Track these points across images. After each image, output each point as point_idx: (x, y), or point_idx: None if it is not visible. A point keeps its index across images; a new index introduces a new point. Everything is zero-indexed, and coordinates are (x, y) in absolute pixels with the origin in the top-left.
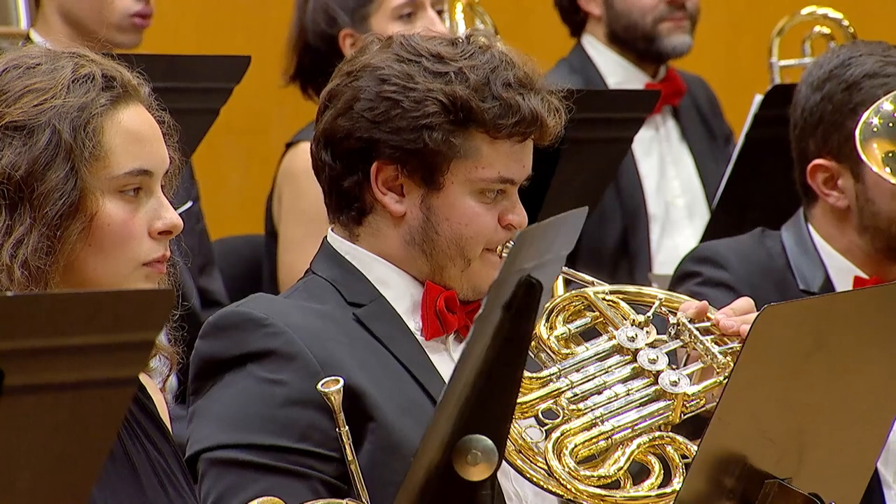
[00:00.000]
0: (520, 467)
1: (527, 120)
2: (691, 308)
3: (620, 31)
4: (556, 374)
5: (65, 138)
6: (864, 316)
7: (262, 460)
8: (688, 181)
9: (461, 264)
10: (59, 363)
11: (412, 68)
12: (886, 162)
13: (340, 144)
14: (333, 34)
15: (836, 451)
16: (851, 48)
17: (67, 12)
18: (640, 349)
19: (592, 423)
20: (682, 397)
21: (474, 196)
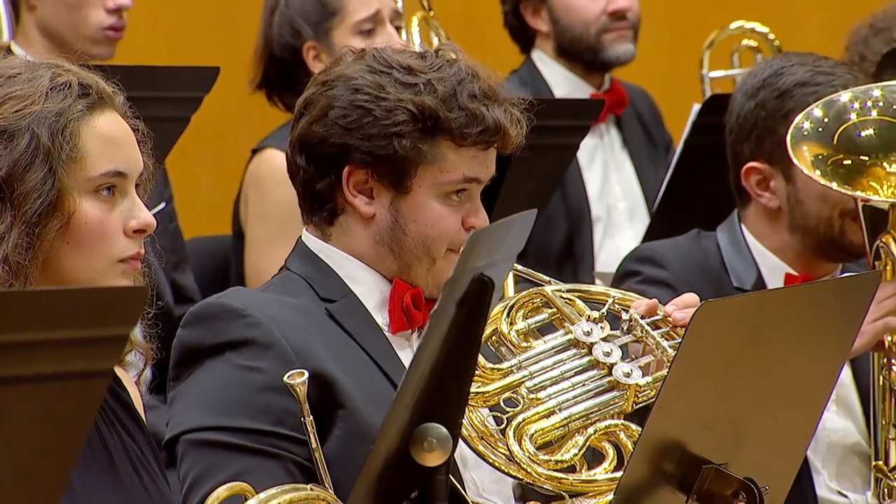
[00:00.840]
0: (482, 452)
1: (490, 130)
2: (643, 305)
3: (567, 44)
4: (516, 366)
5: (43, 142)
6: (795, 311)
7: (240, 442)
8: (628, 187)
9: (427, 263)
10: (38, 356)
11: (384, 79)
12: (816, 165)
13: (315, 149)
14: (298, 46)
15: (770, 438)
16: (783, 59)
17: (45, 26)
18: (595, 343)
19: (550, 411)
20: (634, 388)
21: (440, 199)
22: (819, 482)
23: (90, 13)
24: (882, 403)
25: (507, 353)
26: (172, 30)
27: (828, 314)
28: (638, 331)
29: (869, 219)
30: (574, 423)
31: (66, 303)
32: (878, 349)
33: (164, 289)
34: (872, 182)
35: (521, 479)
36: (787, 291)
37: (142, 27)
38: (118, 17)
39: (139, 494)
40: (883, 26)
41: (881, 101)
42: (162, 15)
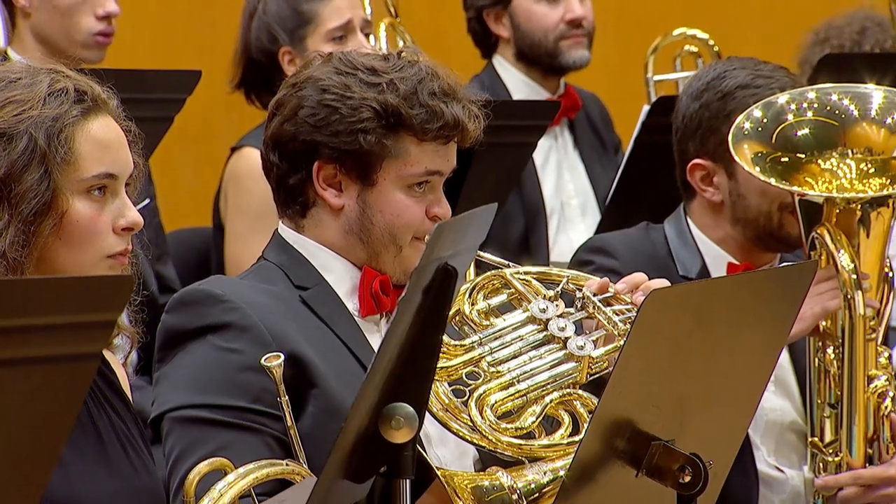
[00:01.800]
0: (447, 423)
1: (450, 125)
2: (594, 284)
3: (527, 49)
4: (477, 342)
5: (40, 145)
6: (737, 298)
7: (221, 417)
8: (580, 184)
9: (394, 251)
10: (32, 340)
11: (349, 80)
12: (756, 161)
13: (286, 147)
14: (274, 51)
15: (714, 416)
16: (727, 63)
17: (40, 32)
18: (550, 319)
19: (510, 383)
20: (587, 360)
21: (404, 191)
22: (759, 458)
23: (81, 20)
24: (817, 384)
25: (469, 332)
26: (157, 35)
27: (768, 301)
28: (590, 307)
29: (805, 212)
30: (532, 393)
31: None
32: (813, 334)
33: (149, 278)
34: (808, 178)
35: (484, 447)
36: (730, 280)
37: (129, 33)
38: (107, 24)
39: (126, 468)
40: (823, 36)
41: (816, 102)
42: (148, 21)
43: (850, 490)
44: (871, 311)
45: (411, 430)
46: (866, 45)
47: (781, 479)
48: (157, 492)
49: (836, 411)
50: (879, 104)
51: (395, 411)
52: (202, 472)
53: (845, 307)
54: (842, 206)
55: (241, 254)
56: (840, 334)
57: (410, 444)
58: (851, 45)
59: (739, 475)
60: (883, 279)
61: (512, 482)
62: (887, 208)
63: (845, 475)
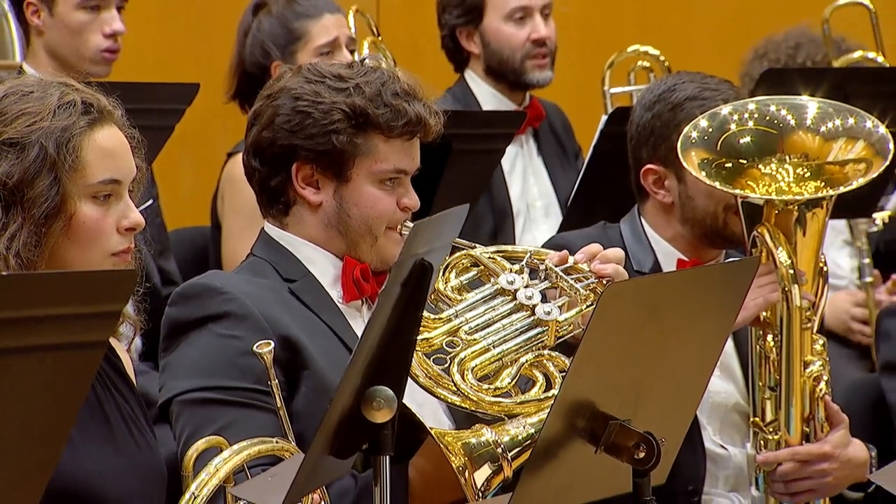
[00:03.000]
0: (431, 389)
1: (413, 121)
2: (555, 256)
3: (495, 65)
4: (453, 315)
5: (50, 153)
6: (686, 291)
7: (227, 397)
8: (544, 188)
9: (370, 240)
10: (43, 329)
11: (319, 87)
12: (702, 167)
13: (266, 152)
14: (267, 65)
15: (666, 398)
16: (676, 77)
17: (52, 49)
18: (518, 290)
19: (486, 348)
20: (554, 324)
21: (376, 185)
22: (706, 436)
23: (90, 38)
24: (759, 369)
25: (444, 306)
26: (159, 51)
27: (714, 293)
28: (553, 277)
29: (747, 213)
30: (507, 357)
31: (67, 284)
32: (755, 323)
33: (152, 272)
34: (750, 181)
35: (467, 408)
36: (680, 274)
37: (133, 49)
38: (114, 41)
39: (130, 447)
40: (762, 52)
41: (756, 112)
42: (150, 39)
43: (788, 465)
44: (807, 302)
45: (391, 411)
46: (800, 59)
47: (725, 456)
48: (159, 468)
49: (776, 393)
50: (814, 114)
51: (376, 394)
52: (200, 449)
53: (783, 299)
54: (780, 208)
55: (237, 250)
56: (779, 324)
57: (390, 423)
58: (787, 59)
59: (688, 452)
60: (818, 274)
61: (496, 437)
62: (822, 209)
63: (784, 452)
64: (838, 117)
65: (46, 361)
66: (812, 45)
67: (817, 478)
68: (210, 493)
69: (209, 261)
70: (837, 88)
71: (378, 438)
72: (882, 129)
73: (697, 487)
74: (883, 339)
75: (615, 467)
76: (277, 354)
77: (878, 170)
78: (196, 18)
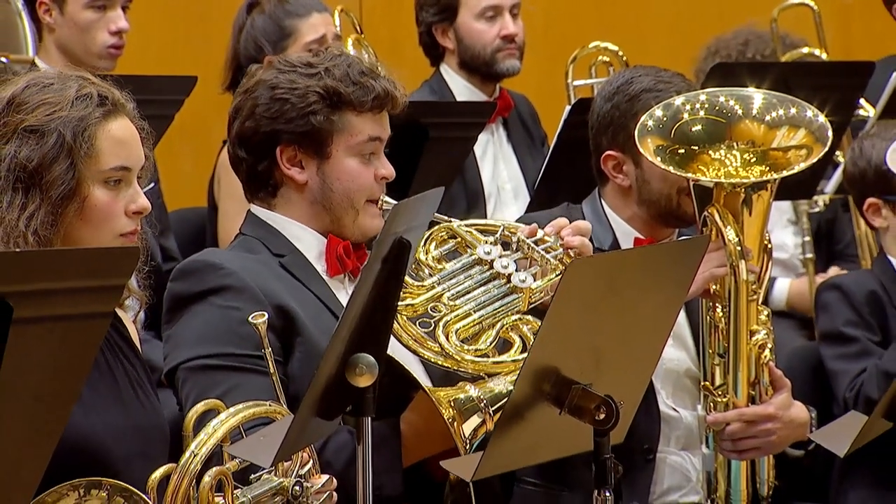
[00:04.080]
0: (417, 351)
1: (381, 96)
2: (526, 229)
3: (468, 60)
4: (436, 282)
5: (67, 141)
6: (642, 266)
7: (229, 363)
8: (513, 172)
9: (352, 214)
10: (55, 301)
11: (292, 75)
12: (658, 153)
13: (250, 141)
14: (259, 59)
15: (624, 365)
16: (633, 71)
17: (62, 45)
18: (494, 260)
19: (467, 313)
20: (528, 291)
21: (354, 158)
22: (660, 400)
23: (97, 35)
24: (709, 337)
25: (426, 275)
26: (160, 47)
27: (668, 268)
28: (525, 248)
29: (698, 195)
30: (486, 321)
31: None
32: (705, 296)
33: (155, 250)
34: (701, 166)
35: (450, 367)
36: (637, 251)
37: (137, 45)
38: (119, 38)
39: (136, 408)
40: (714, 49)
41: (707, 103)
42: (152, 35)
43: (735, 425)
44: (753, 276)
45: (372, 377)
46: (749, 55)
47: (677, 418)
48: (162, 427)
49: (724, 360)
50: (760, 105)
51: (359, 360)
52: (199, 411)
53: (731, 274)
54: (729, 190)
55: (232, 229)
56: (727, 296)
57: (372, 387)
58: (737, 54)
59: (644, 414)
60: (763, 250)
61: (479, 393)
62: (766, 191)
63: (732, 413)
64: (782, 107)
65: (58, 329)
66: (760, 42)
67: (762, 437)
68: (208, 452)
69: (206, 239)
70: (781, 81)
71: (361, 401)
72: (822, 118)
73: (652, 446)
74: (822, 311)
75: (577, 428)
76: (273, 322)
77: (817, 155)
78: (194, 17)
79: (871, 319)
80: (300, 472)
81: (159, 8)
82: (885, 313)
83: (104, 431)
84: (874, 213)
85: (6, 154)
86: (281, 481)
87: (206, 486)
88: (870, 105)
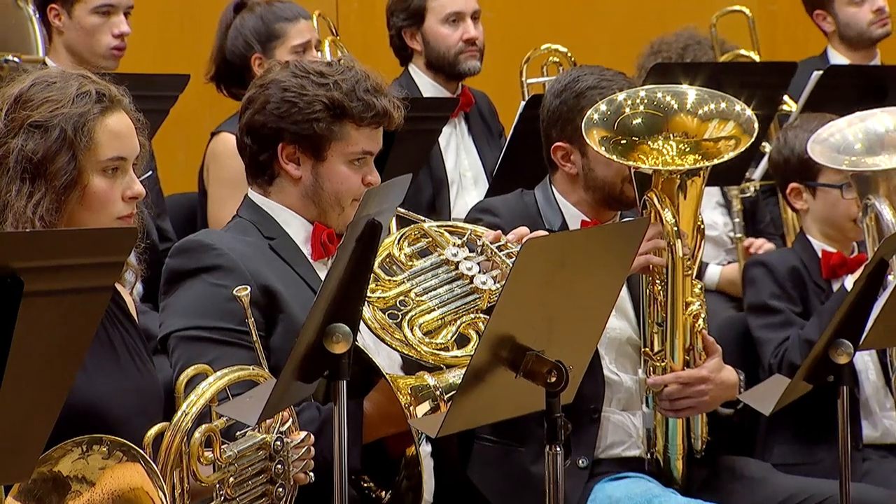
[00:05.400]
0: (384, 339)
1: (380, 114)
2: (491, 235)
3: (434, 60)
4: (406, 278)
5: (69, 135)
6: (589, 245)
7: (215, 336)
8: (473, 161)
9: (338, 210)
10: (62, 276)
11: (304, 81)
12: (602, 143)
13: (257, 132)
14: (248, 55)
15: (573, 334)
16: (580, 70)
17: (70, 46)
18: (460, 261)
19: (431, 309)
20: (488, 292)
21: (346, 165)
22: (604, 366)
23: (102, 38)
24: (648, 308)
25: (398, 270)
26: (158, 48)
27: (612, 247)
28: (489, 252)
29: (639, 181)
30: (448, 317)
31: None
32: (645, 271)
33: (151, 230)
34: (641, 155)
35: (412, 356)
36: (585, 232)
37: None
38: (121, 40)
39: (133, 372)
40: (657, 49)
41: (646, 99)
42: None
43: (672, 387)
44: (688, 254)
45: (347, 344)
46: (688, 58)
47: (619, 382)
48: (157, 390)
49: (662, 328)
50: (693, 100)
51: (336, 329)
52: (189, 375)
53: (668, 251)
54: (665, 176)
55: (219, 213)
56: (665, 271)
57: (347, 354)
58: (677, 57)
59: (590, 377)
60: (696, 231)
61: (436, 382)
62: (699, 178)
63: (669, 376)
64: (713, 102)
65: (63, 302)
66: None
67: (696, 397)
68: (198, 411)
69: (197, 221)
70: (713, 79)
71: (337, 367)
72: (749, 112)
73: (598, 406)
74: (749, 285)
75: (531, 390)
76: (258, 300)
77: (745, 145)
78: (188, 22)
79: (793, 293)
80: (281, 429)
81: (157, 14)
82: (806, 287)
83: (105, 394)
84: (796, 196)
85: (14, 147)
86: (264, 437)
87: (197, 442)
88: (792, 101)
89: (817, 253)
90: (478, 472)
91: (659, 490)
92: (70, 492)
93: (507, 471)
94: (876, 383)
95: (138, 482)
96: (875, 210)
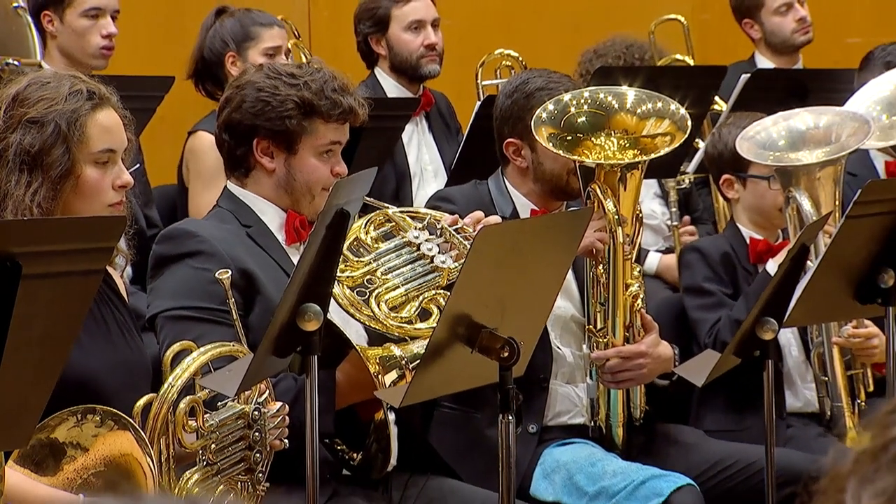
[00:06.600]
0: (353, 314)
1: (346, 111)
2: (449, 219)
3: (397, 64)
4: (372, 259)
5: (62, 129)
6: (538, 231)
7: (199, 315)
8: (433, 156)
9: (309, 198)
10: (57, 260)
11: (276, 82)
12: (550, 140)
13: (234, 129)
14: (223, 53)
15: (524, 312)
16: (529, 73)
17: (63, 49)
18: (421, 243)
19: (396, 286)
20: (447, 270)
21: (316, 157)
22: (552, 338)
23: (92, 39)
24: (592, 289)
25: (365, 252)
26: (144, 51)
27: (559, 233)
28: (447, 234)
29: (583, 174)
30: (411, 293)
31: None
32: (588, 255)
33: (139, 217)
34: (585, 150)
35: (379, 329)
36: (534, 220)
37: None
38: (109, 41)
39: (124, 348)
40: (601, 52)
41: (589, 99)
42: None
43: (614, 361)
44: (628, 240)
45: (318, 322)
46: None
47: (563, 356)
48: (145, 365)
49: (605, 307)
50: (632, 100)
51: (307, 309)
52: (175, 350)
53: (610, 237)
54: (607, 169)
55: (199, 204)
56: (607, 255)
57: (318, 331)
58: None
59: (540, 350)
60: (635, 219)
61: (401, 353)
62: (638, 171)
63: (611, 351)
64: (650, 102)
65: (59, 284)
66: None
67: (635, 370)
68: (183, 384)
69: (177, 212)
70: (650, 81)
71: (309, 343)
72: (683, 111)
73: (546, 377)
74: (685, 268)
75: (486, 363)
76: (238, 282)
77: (679, 141)
78: (174, 26)
79: (724, 276)
80: (258, 400)
81: (144, 18)
82: (736, 271)
83: (97, 367)
84: (728, 187)
85: (13, 141)
86: (243, 408)
87: (181, 412)
88: (722, 101)
89: (746, 239)
90: (437, 435)
91: (602, 454)
92: (66, 457)
93: (464, 435)
94: (798, 358)
95: (128, 448)
96: (796, 202)
